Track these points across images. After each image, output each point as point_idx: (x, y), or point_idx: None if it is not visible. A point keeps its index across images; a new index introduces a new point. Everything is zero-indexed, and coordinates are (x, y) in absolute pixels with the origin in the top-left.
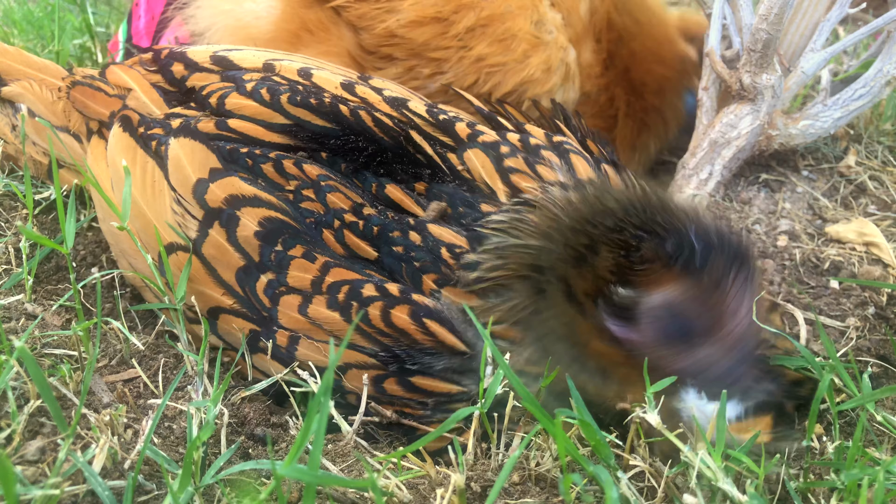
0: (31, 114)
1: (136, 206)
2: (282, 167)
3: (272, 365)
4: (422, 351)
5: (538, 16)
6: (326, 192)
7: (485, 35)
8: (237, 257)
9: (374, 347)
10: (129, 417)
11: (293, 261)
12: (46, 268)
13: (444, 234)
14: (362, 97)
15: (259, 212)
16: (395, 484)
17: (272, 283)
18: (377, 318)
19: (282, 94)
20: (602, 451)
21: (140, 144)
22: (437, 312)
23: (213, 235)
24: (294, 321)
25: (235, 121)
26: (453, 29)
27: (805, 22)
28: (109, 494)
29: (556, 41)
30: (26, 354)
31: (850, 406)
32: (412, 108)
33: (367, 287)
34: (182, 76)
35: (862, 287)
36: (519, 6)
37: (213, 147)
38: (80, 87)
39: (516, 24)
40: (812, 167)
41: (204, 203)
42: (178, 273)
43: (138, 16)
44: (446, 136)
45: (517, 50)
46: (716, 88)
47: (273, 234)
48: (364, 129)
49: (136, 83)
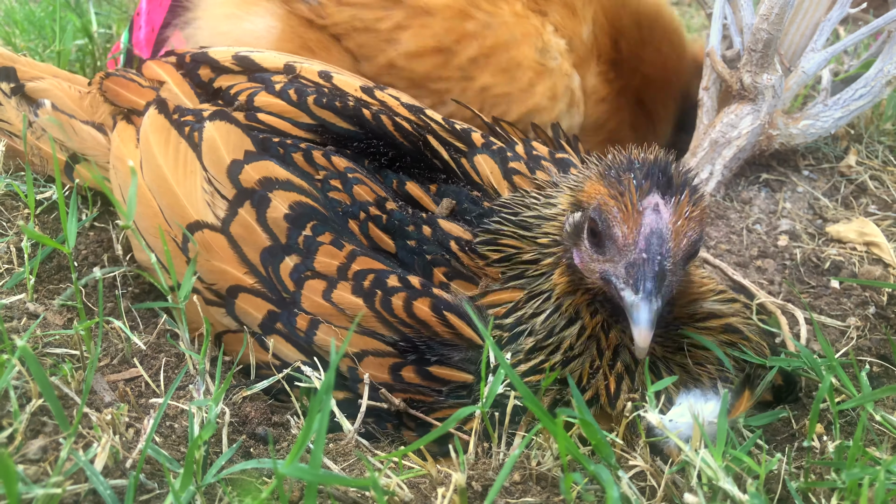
0: (55, 108)
1: (165, 184)
2: (311, 157)
3: (286, 347)
4: (441, 343)
5: (542, 43)
6: (353, 184)
7: (488, 65)
8: (264, 237)
9: (394, 336)
10: (131, 416)
11: (321, 247)
12: (48, 267)
13: (453, 228)
14: (381, 100)
15: (290, 196)
16: (397, 483)
17: (298, 267)
18: (400, 309)
19: (308, 96)
20: (603, 451)
21: (174, 126)
22: (456, 306)
23: (243, 215)
24: (317, 305)
25: (264, 115)
26: (455, 60)
27: (806, 22)
28: (111, 493)
29: (561, 67)
30: (28, 354)
31: (849, 406)
32: (429, 113)
33: (391, 278)
34: (209, 78)
35: (862, 287)
36: (523, 34)
37: (248, 131)
38: (115, 77)
39: (521, 52)
40: (813, 167)
41: (237, 183)
42: (202, 251)
43: (139, 26)
44: (460, 142)
45: (523, 79)
46: (716, 88)
47: (302, 218)
48: (385, 134)
49: (170, 77)
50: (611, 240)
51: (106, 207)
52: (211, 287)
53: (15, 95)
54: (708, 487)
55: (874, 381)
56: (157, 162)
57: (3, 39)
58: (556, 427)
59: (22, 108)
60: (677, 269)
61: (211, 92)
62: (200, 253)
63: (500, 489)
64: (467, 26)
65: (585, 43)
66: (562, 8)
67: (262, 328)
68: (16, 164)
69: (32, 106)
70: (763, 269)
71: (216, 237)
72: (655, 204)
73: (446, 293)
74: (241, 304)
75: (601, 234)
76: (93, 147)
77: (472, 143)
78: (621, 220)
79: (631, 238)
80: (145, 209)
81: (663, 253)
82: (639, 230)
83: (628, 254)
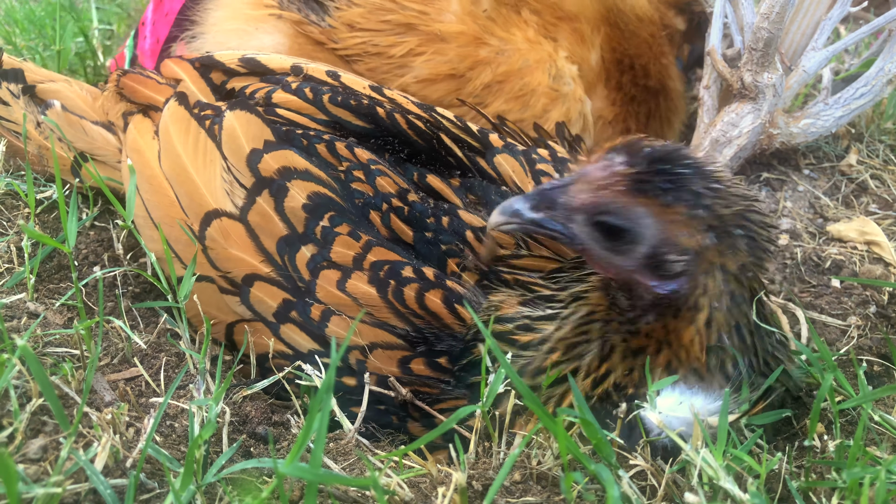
0: (65, 109)
1: (185, 173)
2: (334, 148)
3: (300, 336)
4: (451, 335)
5: (556, 69)
6: (376, 176)
7: (502, 91)
8: (281, 227)
9: (405, 328)
10: (131, 416)
11: (338, 237)
12: (48, 267)
13: (472, 219)
14: (392, 98)
15: (309, 186)
16: (397, 482)
17: (315, 257)
18: (412, 300)
19: (324, 94)
20: (603, 450)
21: (194, 118)
22: (467, 299)
23: (261, 203)
24: (331, 296)
25: (283, 111)
26: (469, 86)
27: (806, 21)
28: (111, 493)
29: (574, 93)
30: (28, 353)
31: (850, 405)
32: (440, 111)
33: (406, 269)
34: (222, 81)
35: (863, 286)
36: (536, 60)
37: (269, 122)
38: (132, 75)
39: (535, 78)
40: (813, 166)
41: (256, 172)
42: (220, 238)
43: (144, 36)
44: (474, 141)
45: (537, 105)
46: (717, 87)
47: (320, 208)
48: (400, 132)
49: (187, 75)
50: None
51: (106, 206)
52: (226, 275)
53: (24, 95)
54: (708, 487)
55: (875, 381)
56: (176, 151)
57: (4, 38)
58: (557, 426)
59: (30, 109)
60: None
61: (224, 93)
62: (217, 240)
63: (501, 488)
64: (481, 53)
65: (594, 68)
66: (571, 34)
67: (276, 317)
68: (16, 164)
69: (41, 107)
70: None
71: (234, 225)
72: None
73: (459, 286)
74: (256, 293)
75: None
76: (102, 147)
77: (490, 143)
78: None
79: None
80: (161, 199)
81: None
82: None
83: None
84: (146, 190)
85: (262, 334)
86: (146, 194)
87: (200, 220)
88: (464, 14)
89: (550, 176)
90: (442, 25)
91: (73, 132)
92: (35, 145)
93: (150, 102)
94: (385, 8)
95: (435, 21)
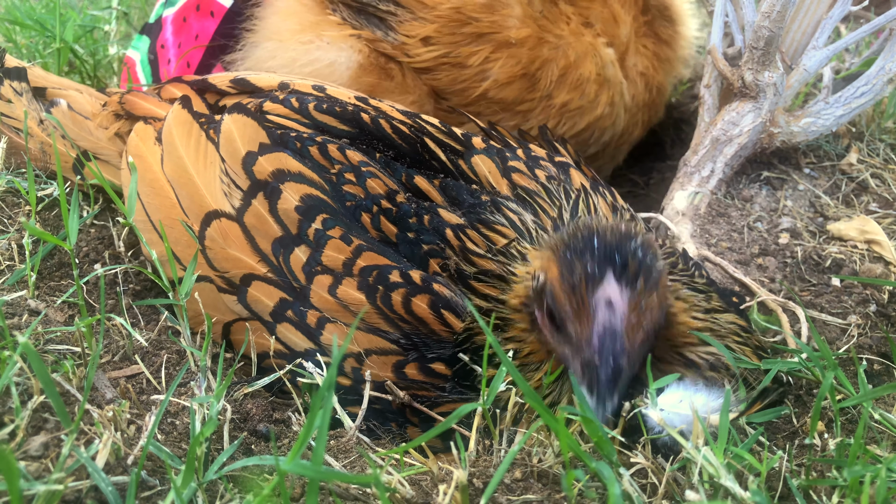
0: (71, 108)
1: (186, 174)
2: (326, 150)
3: (296, 336)
4: (439, 341)
5: (600, 57)
6: (367, 178)
7: (563, 84)
8: (276, 228)
9: (396, 333)
10: (132, 413)
11: (330, 241)
12: (49, 264)
13: (451, 217)
14: (376, 107)
15: (301, 188)
16: (398, 480)
17: (309, 261)
18: (399, 305)
19: (309, 103)
20: (604, 448)
21: (196, 121)
22: (454, 303)
23: (256, 205)
24: (324, 301)
25: (273, 117)
26: (540, 83)
27: (807, 19)
28: (113, 490)
29: (616, 76)
30: (30, 350)
31: (850, 404)
32: (424, 118)
33: (393, 273)
34: (215, 100)
35: (863, 285)
36: (584, 51)
37: (264, 126)
38: (134, 93)
39: (586, 67)
40: (814, 165)
41: (251, 174)
42: (219, 238)
43: (166, 59)
44: (456, 143)
45: (591, 92)
46: (718, 86)
47: (312, 210)
48: (384, 136)
49: (186, 94)
50: (565, 334)
51: (107, 204)
52: (224, 275)
53: (27, 94)
54: (709, 485)
55: (875, 379)
56: (178, 153)
57: (4, 36)
58: (558, 424)
59: (33, 107)
60: (635, 359)
61: (218, 111)
62: (216, 241)
63: (503, 486)
64: (545, 51)
65: (623, 42)
66: (602, 12)
67: (272, 316)
68: (17, 162)
69: (46, 105)
70: (764, 266)
71: (232, 226)
72: (608, 299)
73: (446, 289)
74: (253, 293)
75: (557, 322)
76: (106, 147)
77: (472, 145)
78: (573, 318)
79: (584, 337)
80: (162, 201)
81: (617, 352)
82: (592, 329)
83: (583, 352)
84: (147, 193)
85: (260, 333)
86: (147, 198)
87: (201, 221)
88: (525, 17)
89: (521, 173)
90: (512, 32)
91: (77, 131)
92: (37, 142)
93: (152, 115)
94: (458, 20)
95: (503, 28)
